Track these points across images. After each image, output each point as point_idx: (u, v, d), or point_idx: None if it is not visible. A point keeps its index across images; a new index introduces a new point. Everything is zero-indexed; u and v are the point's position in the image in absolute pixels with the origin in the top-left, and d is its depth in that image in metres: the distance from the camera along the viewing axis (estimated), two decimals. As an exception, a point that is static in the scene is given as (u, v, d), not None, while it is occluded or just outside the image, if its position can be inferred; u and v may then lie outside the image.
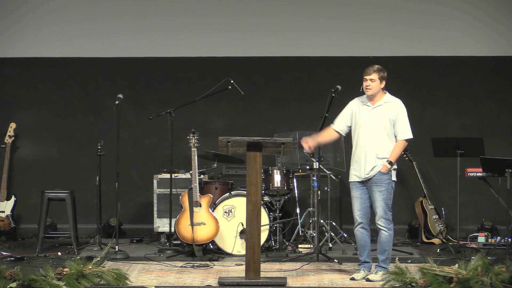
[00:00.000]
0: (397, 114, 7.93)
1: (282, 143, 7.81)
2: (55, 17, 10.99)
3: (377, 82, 7.97)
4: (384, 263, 7.97)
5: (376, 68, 7.99)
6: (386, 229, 7.93)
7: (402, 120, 7.94)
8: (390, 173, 7.91)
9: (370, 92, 7.98)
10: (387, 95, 8.07)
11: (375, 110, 7.98)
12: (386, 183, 7.89)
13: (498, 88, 11.03)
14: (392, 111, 7.95)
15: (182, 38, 11.01)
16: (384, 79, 8.01)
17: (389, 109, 7.96)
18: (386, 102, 8.00)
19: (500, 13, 10.89)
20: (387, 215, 7.91)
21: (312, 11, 10.98)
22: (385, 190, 7.89)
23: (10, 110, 11.05)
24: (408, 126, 7.95)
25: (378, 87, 7.98)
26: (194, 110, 10.74)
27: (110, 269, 7.66)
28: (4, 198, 10.56)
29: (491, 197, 9.79)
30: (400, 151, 7.94)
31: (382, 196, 7.88)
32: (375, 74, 7.97)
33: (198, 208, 9.26)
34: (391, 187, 7.94)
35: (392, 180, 7.92)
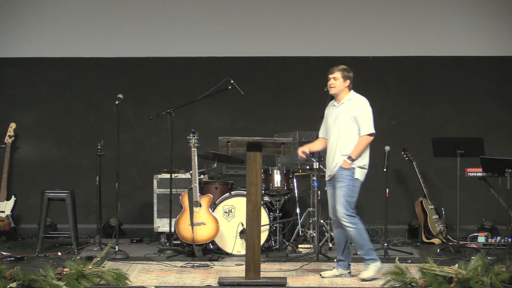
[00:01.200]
0: (358, 110, 7.99)
1: (282, 143, 7.81)
2: (55, 17, 11.00)
3: (340, 80, 8.05)
4: (368, 255, 8.00)
5: (340, 67, 8.09)
6: (351, 224, 7.92)
7: (364, 116, 7.99)
8: (352, 170, 7.91)
9: (333, 91, 8.07)
10: (351, 93, 8.13)
11: (339, 108, 8.06)
12: (347, 179, 7.90)
13: (498, 88, 11.03)
14: (353, 108, 8.01)
15: (182, 38, 11.01)
16: (349, 78, 8.09)
17: (351, 106, 8.03)
18: (349, 99, 8.07)
19: (500, 13, 10.89)
20: (348, 211, 7.91)
21: (312, 11, 10.98)
22: (345, 186, 7.90)
23: (10, 110, 11.06)
24: (370, 121, 8.00)
25: (342, 86, 8.06)
26: (194, 110, 10.75)
27: (110, 269, 7.66)
28: (4, 198, 10.56)
29: (491, 197, 9.79)
30: (362, 147, 7.94)
31: (343, 192, 7.90)
32: (338, 72, 8.06)
33: (198, 208, 9.26)
34: (353, 184, 7.91)
35: (354, 177, 7.92)
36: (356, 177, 7.93)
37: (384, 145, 9.56)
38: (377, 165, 10.07)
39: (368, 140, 7.98)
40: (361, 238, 7.99)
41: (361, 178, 7.98)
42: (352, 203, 7.93)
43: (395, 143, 10.35)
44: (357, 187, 7.96)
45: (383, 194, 9.48)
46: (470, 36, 10.93)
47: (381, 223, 10.23)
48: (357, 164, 7.94)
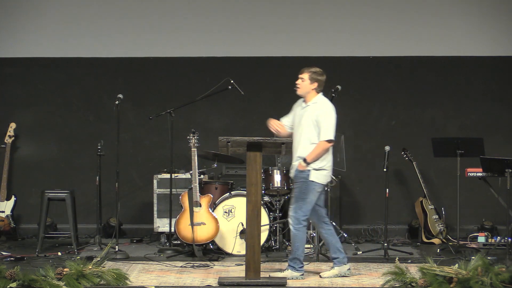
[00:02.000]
0: (319, 115, 7.97)
1: (282, 143, 7.81)
2: (55, 17, 10.99)
3: (307, 82, 8.04)
4: (292, 262, 8.00)
5: (310, 69, 8.08)
6: (294, 227, 7.96)
7: (324, 121, 7.94)
8: (307, 172, 7.91)
9: (298, 91, 8.09)
10: (318, 96, 8.10)
11: (304, 110, 8.06)
12: (301, 181, 7.92)
13: (498, 88, 11.03)
14: (316, 112, 7.99)
15: (182, 38, 11.01)
16: (317, 81, 8.05)
17: (314, 110, 8.01)
18: (314, 103, 8.05)
19: (500, 13, 10.89)
20: (297, 214, 7.92)
21: (312, 11, 10.98)
22: (298, 188, 7.93)
23: (10, 110, 11.05)
24: (329, 127, 7.93)
25: (308, 88, 8.04)
26: (194, 110, 10.74)
27: (110, 269, 7.66)
28: (4, 198, 10.56)
29: (491, 197, 9.79)
30: (318, 152, 7.90)
31: (296, 194, 7.95)
32: (306, 74, 8.06)
33: (198, 208, 9.26)
34: (306, 186, 7.91)
35: (309, 180, 7.91)
36: (312, 179, 7.92)
37: (384, 145, 9.55)
38: (377, 165, 10.09)
39: (326, 146, 7.92)
40: (295, 244, 8.00)
41: (318, 180, 7.95)
42: (304, 205, 7.92)
43: (395, 143, 10.34)
44: (312, 189, 7.93)
45: (383, 194, 9.47)
46: (470, 36, 10.93)
47: (381, 223, 10.24)
48: (313, 167, 7.94)
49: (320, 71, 8.11)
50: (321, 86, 8.10)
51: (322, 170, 7.96)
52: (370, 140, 11.00)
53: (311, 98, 8.07)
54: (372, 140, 10.98)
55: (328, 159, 8.01)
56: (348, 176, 10.82)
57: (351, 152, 10.71)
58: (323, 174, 7.98)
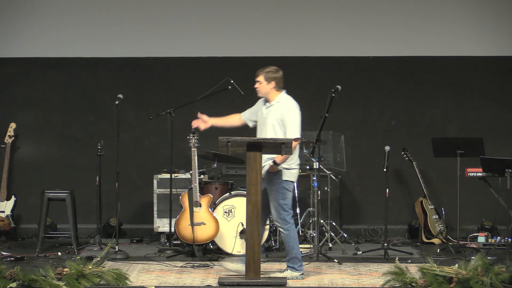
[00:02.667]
0: (283, 114, 7.99)
1: (282, 143, 7.80)
2: (55, 17, 11.00)
3: (264, 83, 8.08)
4: (291, 262, 8.00)
5: (264, 70, 8.08)
6: (283, 229, 7.98)
7: (289, 120, 7.97)
8: (280, 173, 7.94)
9: (259, 94, 8.12)
10: (281, 95, 8.12)
11: (268, 110, 8.09)
12: (277, 183, 7.94)
13: (498, 88, 11.03)
14: (280, 112, 8.01)
15: (182, 38, 11.01)
16: (273, 79, 8.07)
17: (278, 109, 8.03)
18: (277, 102, 8.07)
19: (500, 13, 10.89)
20: (281, 215, 7.94)
21: (312, 12, 10.98)
22: (275, 190, 7.94)
23: (10, 110, 11.05)
24: (295, 126, 7.97)
25: (267, 88, 8.08)
26: (194, 110, 10.71)
27: (110, 269, 7.66)
28: (4, 198, 10.56)
29: (491, 197, 9.80)
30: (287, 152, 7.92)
31: (274, 196, 7.95)
32: (261, 76, 8.09)
33: (198, 208, 9.26)
34: (283, 187, 7.94)
35: (283, 179, 7.94)
36: (284, 179, 7.95)
37: (384, 145, 9.55)
38: (377, 165, 10.09)
39: (293, 145, 7.92)
40: (289, 244, 8.00)
41: (290, 178, 7.99)
42: (286, 205, 7.96)
43: (395, 143, 10.34)
44: (288, 188, 7.97)
45: (383, 194, 9.47)
46: (470, 36, 10.93)
47: (381, 223, 10.24)
48: (284, 166, 7.96)
49: (275, 69, 8.13)
50: (280, 83, 8.12)
51: (292, 169, 8.01)
52: (370, 140, 11.00)
53: (274, 97, 8.10)
54: (372, 140, 10.98)
55: (296, 157, 8.05)
56: (348, 176, 10.82)
57: (351, 152, 10.72)
58: (294, 173, 8.03)
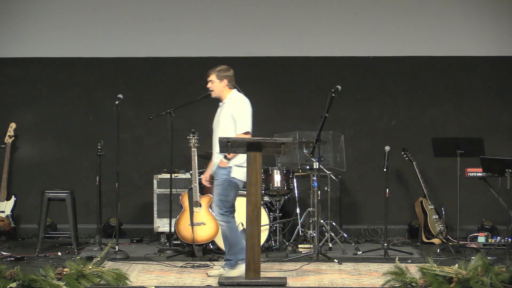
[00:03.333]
0: (235, 110, 8.06)
1: (282, 143, 7.80)
2: (55, 17, 11.00)
3: (216, 82, 8.15)
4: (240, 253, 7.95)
5: (215, 69, 8.15)
6: (223, 222, 8.00)
7: (239, 115, 8.05)
8: (228, 169, 7.97)
9: (213, 94, 8.21)
10: (232, 92, 8.20)
11: (221, 108, 8.18)
12: (223, 178, 7.97)
13: (498, 88, 11.03)
14: (231, 108, 8.08)
15: (182, 38, 11.01)
16: (225, 78, 8.15)
17: (230, 106, 8.10)
18: (229, 99, 8.15)
19: (500, 13, 10.89)
20: (222, 210, 7.98)
21: (312, 11, 10.98)
22: (220, 185, 7.98)
23: (10, 110, 11.06)
24: (245, 120, 8.05)
25: (219, 87, 8.16)
26: (194, 110, 10.74)
27: (110, 269, 7.66)
28: (4, 198, 10.56)
29: (491, 197, 9.80)
30: None
31: (218, 191, 7.99)
32: (213, 75, 8.16)
33: (198, 208, 9.26)
34: (229, 183, 7.97)
35: (230, 176, 7.97)
36: (233, 175, 7.98)
37: (384, 145, 9.55)
38: (377, 165, 10.09)
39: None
40: (233, 236, 8.03)
41: (239, 177, 8.01)
42: (227, 202, 8.00)
43: (395, 143, 10.34)
44: (234, 186, 8.00)
45: (383, 194, 9.47)
46: (470, 36, 10.93)
47: (381, 223, 10.24)
48: (234, 163, 7.99)
49: (226, 68, 8.20)
50: (231, 81, 8.20)
51: (242, 168, 8.00)
52: (370, 140, 11.00)
53: (226, 95, 8.17)
54: (372, 140, 10.98)
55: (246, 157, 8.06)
56: (348, 176, 10.82)
57: (351, 152, 10.72)
58: (243, 172, 8.00)
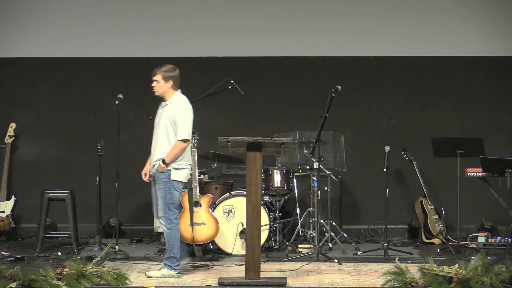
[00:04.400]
0: (175, 114, 8.02)
1: (282, 143, 7.80)
2: (55, 17, 10.99)
3: (161, 82, 8.10)
4: (168, 261, 8.04)
5: (161, 69, 8.10)
6: (166, 228, 8.04)
7: (180, 120, 8.00)
8: (168, 172, 7.97)
9: (156, 93, 8.14)
10: (175, 94, 8.16)
11: (163, 109, 8.14)
12: (164, 182, 7.98)
13: (498, 88, 11.03)
14: (172, 111, 8.04)
15: (182, 38, 11.01)
16: (171, 78, 8.11)
17: (171, 108, 8.07)
18: (171, 101, 8.12)
19: (500, 13, 10.89)
20: (166, 214, 8.00)
21: (312, 11, 10.98)
22: (163, 189, 7.99)
23: (10, 110, 11.05)
24: (185, 127, 7.99)
25: (164, 87, 8.10)
26: (194, 110, 10.72)
27: (110, 269, 7.67)
28: (4, 198, 10.56)
29: (491, 197, 9.80)
30: (175, 152, 7.95)
31: (161, 195, 8.01)
32: (159, 75, 8.10)
33: (198, 208, 9.26)
34: (170, 186, 7.99)
35: (171, 179, 7.98)
36: (173, 178, 7.99)
37: (384, 145, 9.55)
38: (377, 165, 10.09)
39: (182, 146, 7.97)
40: (170, 243, 8.06)
41: (179, 178, 8.03)
42: (172, 204, 8.02)
43: (395, 143, 10.34)
44: (176, 188, 8.03)
45: (383, 194, 9.47)
46: (470, 36, 10.93)
47: (381, 223, 10.24)
48: (173, 166, 8.01)
49: (172, 68, 8.17)
50: (176, 82, 8.18)
51: (182, 169, 8.04)
52: (370, 140, 11.01)
53: (169, 96, 8.14)
54: (372, 140, 10.98)
55: (187, 157, 8.11)
56: (348, 176, 10.82)
57: (351, 152, 10.72)
58: (184, 172, 8.05)
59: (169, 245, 8.08)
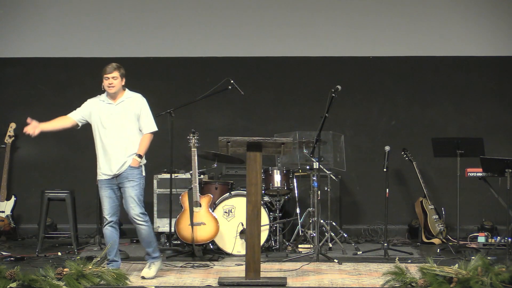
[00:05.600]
0: (140, 108, 8.11)
1: (282, 143, 7.81)
2: (55, 17, 11.00)
3: (119, 79, 8.12)
4: (155, 252, 8.13)
5: (116, 66, 8.14)
6: (144, 222, 8.07)
7: (147, 114, 8.13)
8: (140, 169, 8.05)
9: (113, 90, 8.10)
10: (127, 91, 8.22)
11: (118, 106, 8.11)
12: (138, 177, 8.03)
13: (498, 88, 11.03)
14: (135, 106, 8.11)
15: (182, 38, 11.01)
16: (124, 76, 8.18)
17: (132, 104, 8.12)
18: (128, 97, 8.16)
19: (500, 13, 10.89)
20: (142, 209, 8.05)
21: (312, 11, 10.98)
22: (137, 185, 8.02)
23: (10, 110, 11.05)
24: (152, 119, 8.16)
25: (120, 85, 8.14)
26: (194, 110, 10.74)
27: (110, 269, 7.67)
28: (4, 198, 10.56)
29: (491, 197, 9.80)
30: (147, 145, 8.09)
31: (135, 192, 8.01)
32: (116, 72, 8.12)
33: (198, 208, 9.26)
34: (143, 182, 8.08)
35: (142, 175, 8.08)
36: (143, 174, 8.11)
37: (384, 145, 9.55)
38: (377, 165, 10.09)
39: (151, 138, 8.12)
40: (151, 236, 8.13)
41: (144, 173, 8.18)
42: (143, 201, 8.09)
43: (395, 143, 10.35)
44: (144, 185, 8.14)
45: (383, 194, 9.47)
46: (470, 36, 10.93)
47: (381, 223, 10.24)
48: (143, 162, 8.09)
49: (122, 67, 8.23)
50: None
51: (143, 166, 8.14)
52: (370, 140, 11.01)
53: (123, 93, 8.16)
54: (372, 140, 10.98)
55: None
56: (348, 176, 10.81)
57: (351, 152, 10.72)
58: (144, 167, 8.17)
59: (151, 240, 8.11)
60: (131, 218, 8.07)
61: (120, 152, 8.01)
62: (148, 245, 8.10)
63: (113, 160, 8.01)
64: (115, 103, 8.12)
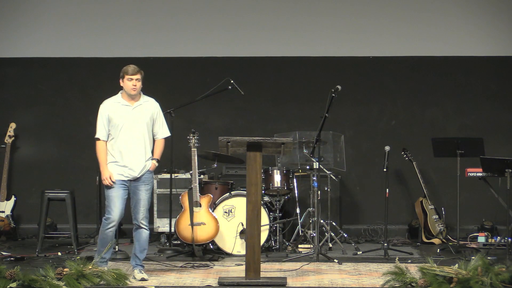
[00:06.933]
0: (157, 113, 8.15)
1: (282, 143, 7.81)
2: (55, 17, 11.00)
3: (140, 82, 8.12)
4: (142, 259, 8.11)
5: (138, 68, 8.15)
6: (147, 227, 8.07)
7: (162, 119, 8.19)
8: (153, 173, 8.13)
9: (136, 92, 8.09)
10: (142, 94, 8.23)
11: (136, 110, 8.09)
12: (151, 182, 8.10)
13: (498, 88, 11.03)
14: (153, 110, 8.13)
15: (182, 38, 11.01)
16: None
17: (149, 107, 8.13)
18: (146, 101, 8.16)
19: (500, 13, 10.89)
20: (147, 214, 8.08)
21: (312, 11, 10.98)
22: (150, 189, 8.09)
23: (10, 110, 11.06)
24: (166, 124, 8.22)
25: (140, 88, 8.13)
26: (194, 110, 10.74)
27: (110, 269, 7.67)
28: (4, 198, 10.56)
29: (491, 197, 9.80)
30: (162, 150, 8.15)
31: (148, 195, 8.05)
32: (139, 74, 8.13)
33: (198, 208, 9.26)
34: (152, 187, 8.20)
35: (152, 179, 8.18)
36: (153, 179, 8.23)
37: (384, 145, 9.55)
38: (377, 165, 10.10)
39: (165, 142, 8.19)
40: (147, 241, 8.13)
41: None
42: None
43: (395, 143, 10.34)
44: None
45: (383, 194, 9.47)
46: (470, 36, 10.93)
47: (381, 223, 10.24)
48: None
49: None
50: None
51: None
52: (370, 140, 11.01)
53: (139, 97, 8.15)
54: (372, 140, 10.98)
55: None
56: (348, 176, 10.82)
57: (351, 152, 10.72)
58: None
59: (146, 246, 8.09)
60: (137, 220, 8.00)
61: (141, 156, 8.00)
62: (142, 251, 8.06)
63: (134, 163, 7.97)
64: (132, 106, 8.09)
